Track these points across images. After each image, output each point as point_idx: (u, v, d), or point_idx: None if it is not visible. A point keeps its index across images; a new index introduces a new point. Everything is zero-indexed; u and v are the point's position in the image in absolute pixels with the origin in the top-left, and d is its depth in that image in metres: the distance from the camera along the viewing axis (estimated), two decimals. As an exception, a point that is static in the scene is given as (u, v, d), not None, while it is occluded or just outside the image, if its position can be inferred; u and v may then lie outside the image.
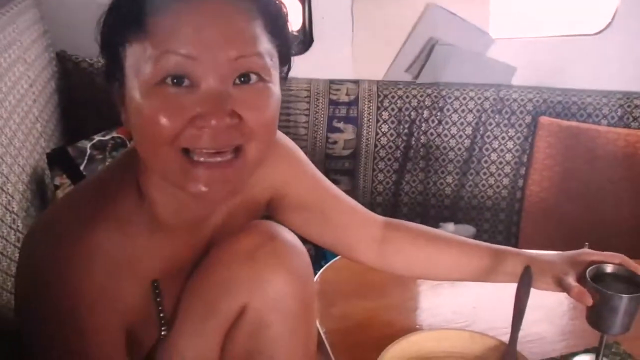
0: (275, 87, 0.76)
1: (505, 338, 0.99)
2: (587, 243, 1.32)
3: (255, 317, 0.90)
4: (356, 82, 1.76)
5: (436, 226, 1.73)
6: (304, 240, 1.85)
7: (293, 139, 0.98)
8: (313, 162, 0.99)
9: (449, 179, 1.78)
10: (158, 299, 0.86)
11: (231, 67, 0.72)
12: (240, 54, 0.72)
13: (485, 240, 1.77)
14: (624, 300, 0.95)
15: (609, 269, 1.02)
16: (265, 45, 0.74)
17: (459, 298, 1.24)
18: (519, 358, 0.97)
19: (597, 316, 0.99)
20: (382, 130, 1.74)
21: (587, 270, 1.00)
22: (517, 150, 1.73)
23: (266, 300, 0.89)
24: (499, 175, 1.76)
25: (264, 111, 0.75)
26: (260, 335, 0.92)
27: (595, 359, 1.05)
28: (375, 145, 1.75)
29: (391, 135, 1.74)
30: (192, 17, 0.71)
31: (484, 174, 1.77)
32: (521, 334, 1.01)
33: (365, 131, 1.74)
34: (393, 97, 1.75)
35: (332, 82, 1.75)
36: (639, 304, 0.97)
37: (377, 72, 1.78)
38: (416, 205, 1.80)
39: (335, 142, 1.76)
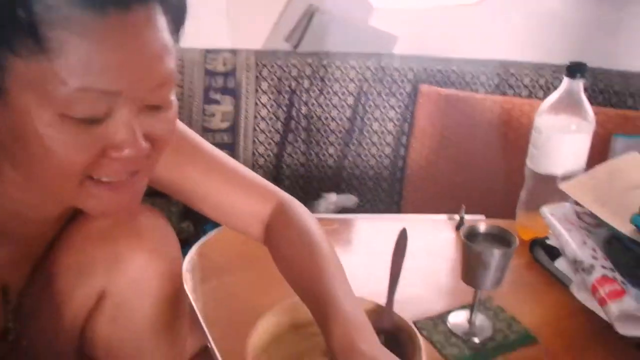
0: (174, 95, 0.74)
1: (383, 301, 1.02)
2: (463, 205, 1.39)
3: (115, 302, 0.88)
4: (233, 51, 1.74)
5: (318, 197, 1.76)
6: (184, 217, 1.82)
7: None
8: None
9: (331, 150, 1.81)
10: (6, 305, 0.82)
11: (148, 97, 0.69)
12: (159, 83, 0.69)
13: (367, 210, 1.82)
14: (495, 256, 1.01)
15: (481, 228, 1.07)
16: (173, 56, 0.71)
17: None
18: (396, 319, 1.00)
19: (471, 273, 1.05)
20: (262, 101, 1.74)
21: (461, 230, 1.05)
22: (398, 119, 1.78)
23: (127, 282, 0.87)
24: (381, 144, 1.81)
25: (172, 133, 0.75)
26: (123, 320, 0.90)
27: (470, 314, 1.11)
28: (255, 117, 1.74)
29: (271, 106, 1.74)
30: (111, 43, 0.64)
31: (366, 143, 1.81)
32: (398, 296, 1.05)
33: (243, 103, 1.73)
34: (272, 67, 1.74)
35: (207, 51, 1.72)
36: (508, 260, 1.03)
37: (255, 41, 1.77)
38: (298, 177, 1.82)
39: (212, 115, 1.74)
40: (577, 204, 1.25)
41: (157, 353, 0.93)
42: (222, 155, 0.97)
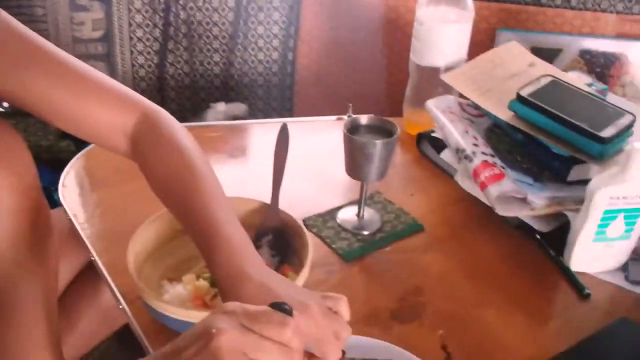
0: None
1: (268, 199, 1.00)
2: (350, 105, 1.38)
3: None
4: (101, -48, 1.61)
5: (207, 107, 1.70)
6: (64, 136, 1.72)
7: (28, 22, 0.85)
8: (58, 47, 0.86)
9: (216, 57, 1.74)
10: None
11: None
12: None
13: (259, 118, 1.78)
14: (377, 146, 1.01)
15: (363, 121, 1.06)
16: None
17: (220, 172, 1.25)
18: (282, 216, 0.99)
19: (355, 166, 1.05)
20: (135, 6, 1.63)
21: (344, 123, 1.04)
22: (284, 22, 1.73)
23: None
24: (268, 49, 1.76)
25: None
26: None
27: (358, 208, 1.12)
28: (130, 24, 1.64)
29: (146, 11, 1.64)
30: None
31: (252, 49, 1.76)
32: (288, 196, 1.04)
33: (115, 8, 1.62)
34: (146, -31, 1.63)
35: (71, -47, 1.58)
36: (391, 150, 1.03)
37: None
38: (184, 88, 1.75)
39: (82, 23, 1.62)
40: (460, 96, 1.27)
41: (22, 269, 0.88)
42: (76, 62, 0.88)
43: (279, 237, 1.00)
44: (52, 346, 1.02)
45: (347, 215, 1.14)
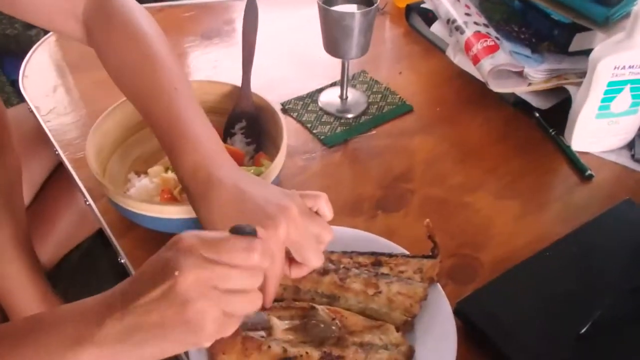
0: None
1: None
2: None
3: None
4: None
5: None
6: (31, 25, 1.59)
7: None
8: None
9: None
10: None
11: None
12: None
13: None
14: (356, 17, 0.91)
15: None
16: None
17: (193, 56, 1.15)
18: (254, 99, 0.91)
19: (333, 41, 0.96)
20: None
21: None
22: None
23: None
24: None
25: None
26: None
27: (341, 89, 1.03)
28: None
29: None
30: None
31: None
32: (265, 79, 0.96)
33: None
34: None
35: None
36: (371, 22, 0.94)
37: None
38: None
39: None
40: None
41: None
42: None
43: (253, 123, 0.92)
44: (21, 246, 0.97)
45: (330, 97, 1.06)
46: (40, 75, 1.12)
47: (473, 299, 0.70)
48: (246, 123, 0.92)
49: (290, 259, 0.68)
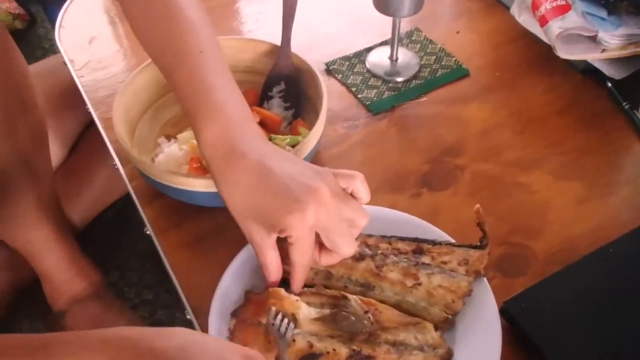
0: None
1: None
2: None
3: None
4: None
5: None
6: None
7: None
8: None
9: None
10: None
11: None
12: None
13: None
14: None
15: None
16: None
17: (226, 12, 1.08)
18: (294, 60, 0.84)
19: (384, -2, 0.86)
20: None
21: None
22: None
23: None
24: None
25: None
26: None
27: (391, 49, 0.95)
28: None
29: None
30: None
31: None
32: (304, 33, 0.89)
33: None
34: None
35: None
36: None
37: None
38: None
39: None
40: None
41: None
42: None
43: (292, 86, 0.85)
44: (47, 210, 0.94)
45: (379, 57, 0.97)
46: (77, 26, 1.07)
47: (522, 298, 0.62)
48: (285, 86, 0.85)
49: (320, 244, 0.62)
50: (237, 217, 0.59)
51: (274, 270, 0.61)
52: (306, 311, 0.63)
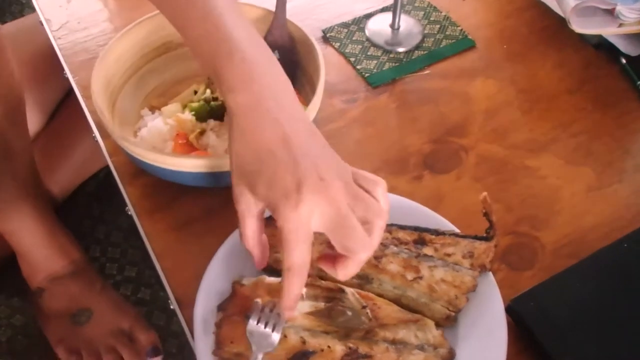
0: None
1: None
2: None
3: None
4: None
5: None
6: None
7: None
8: None
9: None
10: None
11: None
12: None
13: None
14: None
15: None
16: None
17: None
18: (290, 28, 0.78)
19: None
20: None
21: None
22: None
23: None
24: None
25: None
26: None
27: (393, 16, 0.89)
28: None
29: None
30: None
31: None
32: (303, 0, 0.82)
33: None
34: None
35: None
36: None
37: None
38: None
39: None
40: None
41: None
42: None
43: (287, 57, 0.79)
44: (23, 183, 0.89)
45: (379, 25, 0.92)
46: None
47: (530, 297, 0.59)
48: (279, 56, 0.80)
49: (335, 258, 0.54)
50: (233, 174, 0.54)
51: (254, 245, 0.55)
52: (299, 304, 0.59)
